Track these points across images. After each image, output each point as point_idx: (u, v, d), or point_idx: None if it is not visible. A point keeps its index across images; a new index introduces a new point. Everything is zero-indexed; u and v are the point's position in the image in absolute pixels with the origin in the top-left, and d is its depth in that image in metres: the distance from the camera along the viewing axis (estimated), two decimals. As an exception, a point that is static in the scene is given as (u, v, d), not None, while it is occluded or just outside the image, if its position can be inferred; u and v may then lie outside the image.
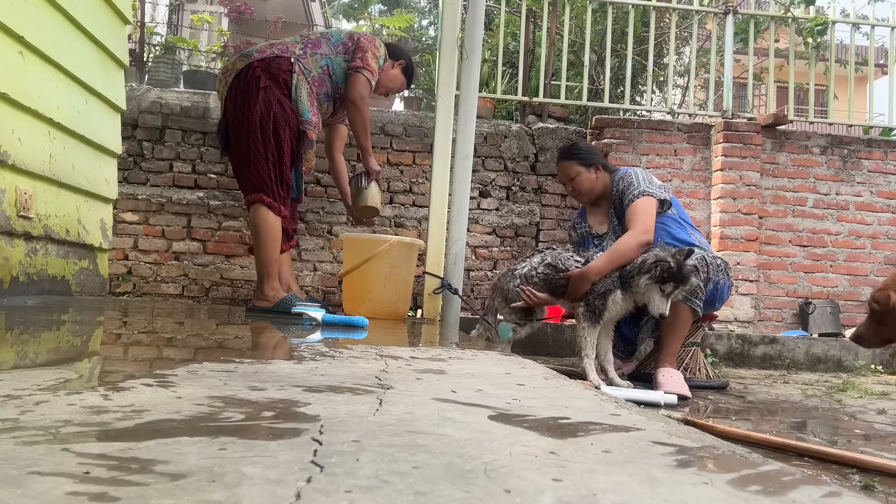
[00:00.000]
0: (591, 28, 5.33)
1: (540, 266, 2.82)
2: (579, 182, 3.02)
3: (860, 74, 6.38)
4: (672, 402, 2.45)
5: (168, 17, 9.01)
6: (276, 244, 3.04)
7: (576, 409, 1.13)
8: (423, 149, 4.87)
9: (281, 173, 3.03)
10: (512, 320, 2.88)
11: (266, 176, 2.99)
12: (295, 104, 3.07)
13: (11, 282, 2.73)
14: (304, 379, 1.24)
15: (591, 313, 2.68)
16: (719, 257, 3.00)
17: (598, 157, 3.10)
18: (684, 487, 0.70)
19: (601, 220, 3.10)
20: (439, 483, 0.65)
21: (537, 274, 2.82)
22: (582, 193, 3.06)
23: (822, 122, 5.68)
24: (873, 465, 1.53)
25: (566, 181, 3.08)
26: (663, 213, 2.94)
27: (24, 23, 2.76)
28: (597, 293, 2.67)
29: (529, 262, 2.88)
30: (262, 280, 3.04)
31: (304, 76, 3.09)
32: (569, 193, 3.18)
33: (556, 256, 2.83)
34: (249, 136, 3.01)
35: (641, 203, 2.83)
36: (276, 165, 3.01)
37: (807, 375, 3.71)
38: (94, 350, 1.69)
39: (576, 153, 3.08)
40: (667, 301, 2.56)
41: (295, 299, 2.97)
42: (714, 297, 2.90)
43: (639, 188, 2.87)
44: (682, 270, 2.54)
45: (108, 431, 0.78)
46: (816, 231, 5.08)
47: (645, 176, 2.95)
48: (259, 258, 3.07)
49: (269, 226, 3.00)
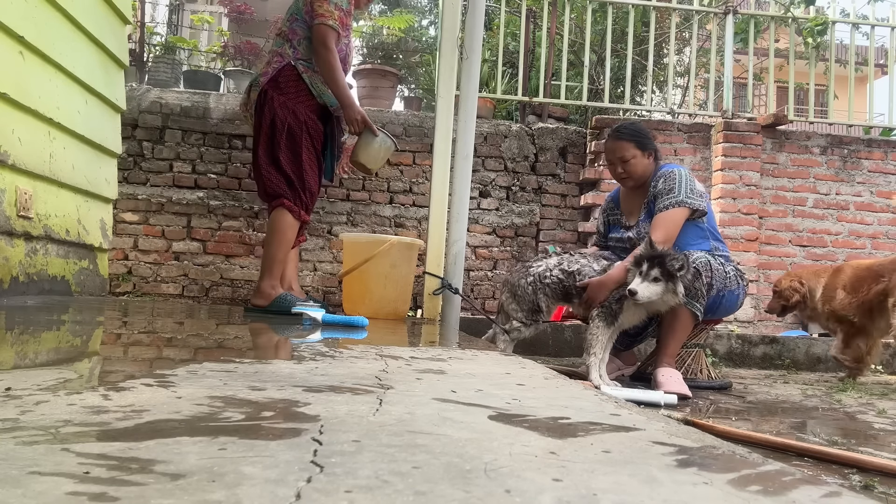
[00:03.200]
0: (591, 28, 5.33)
1: (555, 269, 2.81)
2: (633, 165, 2.90)
3: (860, 74, 6.38)
4: (672, 402, 2.45)
5: (168, 17, 9.00)
6: (287, 245, 3.08)
7: (576, 409, 1.13)
8: (423, 149, 4.87)
9: (302, 180, 3.06)
10: (517, 318, 2.88)
11: (285, 183, 3.05)
12: (320, 99, 3.11)
13: (11, 282, 2.73)
14: (304, 379, 1.24)
15: (607, 315, 2.68)
16: (734, 267, 2.93)
17: (654, 143, 3.00)
18: (684, 487, 0.70)
19: (633, 207, 3.01)
20: (439, 483, 0.65)
21: (551, 276, 2.81)
22: (631, 177, 2.93)
23: (822, 122, 5.68)
24: (873, 465, 1.53)
25: (617, 162, 2.93)
26: (693, 221, 2.87)
27: (24, 23, 2.76)
28: (614, 298, 2.67)
29: (546, 263, 2.86)
30: (263, 276, 3.05)
31: (311, 68, 3.12)
32: (614, 175, 3.01)
33: (571, 262, 2.82)
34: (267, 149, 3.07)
35: (672, 214, 2.77)
36: (295, 173, 3.05)
37: (807, 375, 3.71)
38: (94, 350, 1.68)
39: (636, 134, 2.95)
40: (640, 280, 2.49)
41: (292, 299, 2.97)
42: (716, 305, 2.85)
43: (677, 197, 2.79)
44: (655, 255, 2.50)
45: (108, 431, 0.78)
46: (816, 231, 5.08)
47: (688, 181, 2.85)
48: (267, 254, 3.09)
49: (286, 226, 3.04)
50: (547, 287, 2.82)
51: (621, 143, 2.93)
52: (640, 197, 2.99)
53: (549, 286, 2.81)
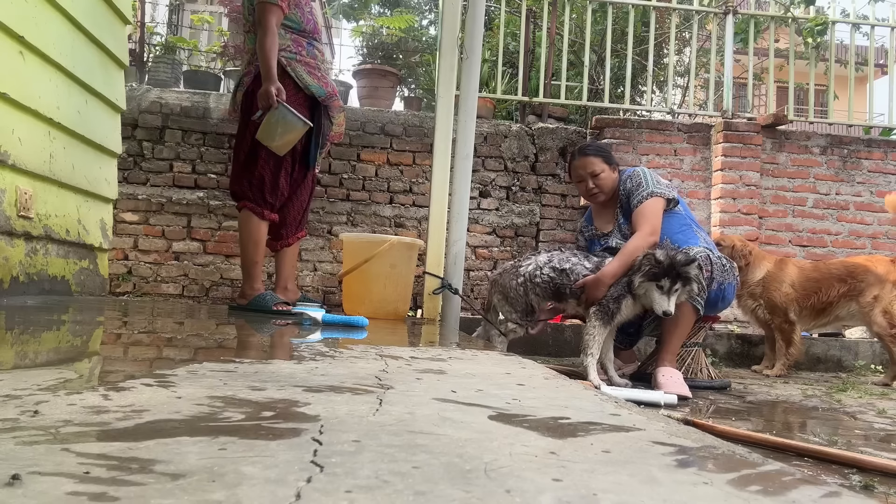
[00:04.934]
0: (591, 28, 5.32)
1: (545, 267, 2.80)
2: (603, 179, 2.96)
3: (860, 74, 6.37)
4: (672, 402, 2.45)
5: (168, 17, 9.01)
6: (258, 247, 3.10)
7: (576, 409, 1.13)
8: (423, 149, 4.87)
9: (275, 181, 3.05)
10: (512, 319, 2.88)
11: (247, 183, 3.04)
12: (307, 90, 3.05)
13: (11, 282, 2.73)
14: (304, 379, 1.24)
15: (604, 314, 2.68)
16: (725, 257, 2.97)
17: (615, 157, 3.11)
18: (684, 487, 0.70)
19: (607, 219, 3.08)
20: (439, 483, 0.65)
21: (542, 275, 2.80)
22: (602, 192, 2.99)
23: (822, 122, 5.68)
24: (873, 465, 1.53)
25: (587, 177, 2.98)
26: (670, 212, 2.93)
27: (24, 23, 2.76)
28: (611, 297, 2.67)
29: (535, 261, 2.85)
30: (244, 279, 3.16)
31: (291, 57, 3.03)
32: (584, 192, 3.06)
33: (562, 260, 2.80)
34: (238, 145, 3.09)
35: (650, 204, 2.83)
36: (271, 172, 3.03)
37: (807, 375, 3.71)
38: (94, 350, 1.68)
39: (601, 150, 3.03)
40: (668, 298, 2.56)
41: (271, 298, 2.99)
42: (718, 298, 2.86)
43: (647, 189, 2.87)
44: (674, 265, 2.53)
45: (108, 431, 0.78)
46: (816, 231, 5.08)
47: (652, 175, 2.95)
48: (242, 258, 3.18)
49: (251, 227, 3.07)
50: (538, 287, 2.81)
51: (590, 159, 2.99)
52: (610, 208, 3.07)
53: (540, 285, 2.81)
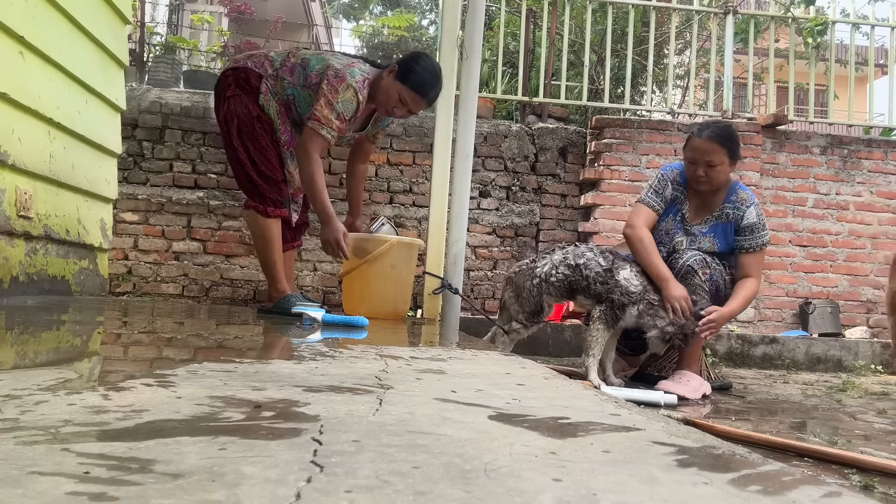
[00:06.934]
0: (591, 28, 5.33)
1: (561, 265, 2.77)
2: (718, 173, 2.72)
3: (860, 74, 6.37)
4: (672, 402, 2.45)
5: (168, 17, 9.01)
6: (270, 245, 3.02)
7: (576, 409, 1.13)
8: (423, 149, 4.87)
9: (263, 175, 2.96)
10: (518, 319, 2.87)
11: (249, 180, 2.98)
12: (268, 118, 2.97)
13: (11, 282, 2.73)
14: (304, 379, 1.24)
15: (609, 318, 2.68)
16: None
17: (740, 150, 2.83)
18: (684, 487, 0.70)
19: (698, 210, 2.86)
20: (439, 483, 0.65)
21: (557, 274, 2.77)
22: (710, 184, 2.74)
23: (822, 122, 5.68)
24: (873, 465, 1.53)
25: (703, 163, 2.70)
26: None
27: (24, 23, 2.76)
28: (619, 305, 2.68)
29: (550, 260, 2.80)
30: (268, 283, 3.14)
31: (272, 96, 2.96)
32: (692, 174, 2.77)
33: (577, 255, 2.77)
34: (226, 144, 3.01)
35: (761, 258, 2.83)
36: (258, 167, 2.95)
37: (807, 375, 3.71)
38: (94, 350, 1.68)
39: (730, 140, 2.73)
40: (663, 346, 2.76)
41: (293, 299, 2.97)
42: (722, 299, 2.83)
43: (765, 237, 2.80)
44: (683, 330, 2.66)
45: (108, 431, 0.78)
46: (816, 231, 5.08)
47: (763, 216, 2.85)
48: (259, 262, 3.16)
49: (261, 227, 3.02)
50: (552, 286, 2.79)
51: (714, 146, 2.68)
52: (707, 201, 2.84)
53: (555, 285, 2.78)
